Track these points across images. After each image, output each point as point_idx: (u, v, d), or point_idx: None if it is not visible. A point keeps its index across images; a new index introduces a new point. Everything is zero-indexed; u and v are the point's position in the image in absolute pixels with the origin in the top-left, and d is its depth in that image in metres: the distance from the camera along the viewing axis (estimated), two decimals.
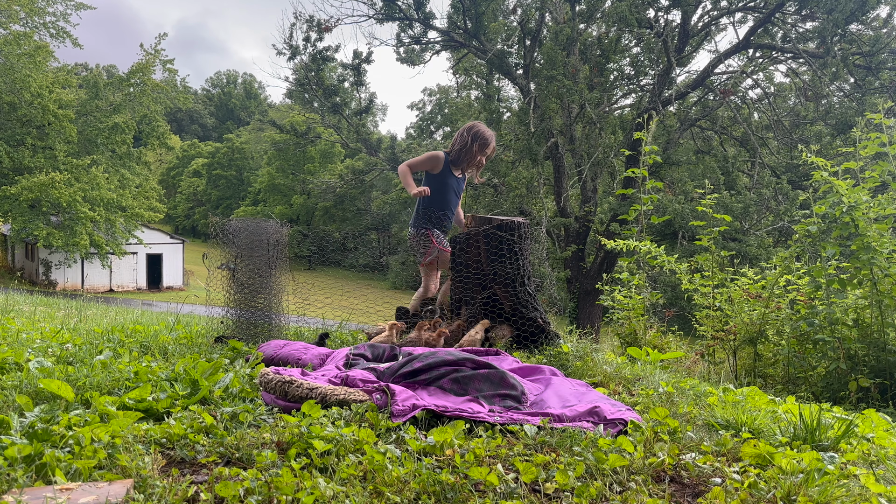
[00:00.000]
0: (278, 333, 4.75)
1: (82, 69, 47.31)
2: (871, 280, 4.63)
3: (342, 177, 32.61)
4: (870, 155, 5.02)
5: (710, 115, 19.81)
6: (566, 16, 19.91)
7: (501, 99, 25.60)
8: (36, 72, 28.98)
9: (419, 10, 21.64)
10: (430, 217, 5.23)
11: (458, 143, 5.23)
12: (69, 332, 4.78)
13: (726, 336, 5.61)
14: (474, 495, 1.93)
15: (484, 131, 5.21)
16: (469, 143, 5.16)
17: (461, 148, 5.20)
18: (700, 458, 2.31)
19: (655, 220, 6.77)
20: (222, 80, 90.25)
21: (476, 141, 5.16)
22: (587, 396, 3.07)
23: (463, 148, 5.19)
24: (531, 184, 21.59)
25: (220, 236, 4.83)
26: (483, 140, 5.18)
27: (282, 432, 2.32)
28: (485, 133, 5.20)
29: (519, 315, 4.51)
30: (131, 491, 1.81)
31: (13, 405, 2.59)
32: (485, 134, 5.20)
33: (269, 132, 45.23)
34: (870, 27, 17.49)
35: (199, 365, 3.17)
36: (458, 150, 5.22)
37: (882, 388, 4.46)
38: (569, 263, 19.77)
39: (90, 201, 29.72)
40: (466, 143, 5.16)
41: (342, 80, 25.58)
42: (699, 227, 6.45)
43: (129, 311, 9.57)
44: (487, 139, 5.20)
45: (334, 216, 52.31)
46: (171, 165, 70.69)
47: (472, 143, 5.16)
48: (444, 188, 5.24)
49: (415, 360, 3.19)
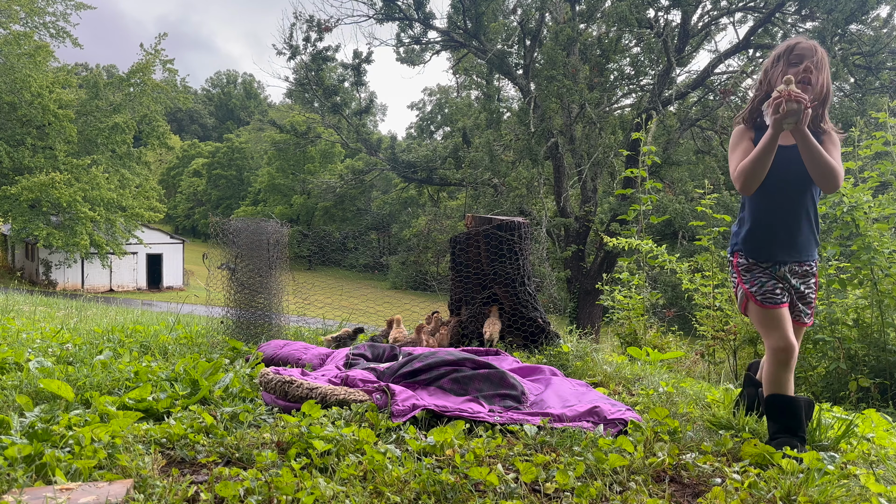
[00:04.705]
0: (278, 333, 4.75)
1: (82, 69, 47.29)
2: (871, 280, 4.63)
3: (342, 177, 32.61)
4: (870, 155, 5.02)
5: (710, 115, 19.80)
6: (566, 16, 19.91)
7: (501, 99, 25.60)
8: (36, 72, 28.96)
9: (419, 10, 21.63)
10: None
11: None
12: (69, 332, 4.78)
13: (726, 336, 5.60)
14: (474, 495, 1.93)
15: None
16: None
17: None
18: (700, 458, 2.31)
19: (655, 219, 6.78)
20: (222, 80, 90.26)
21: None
22: (587, 396, 3.06)
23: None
24: (531, 184, 21.58)
25: (220, 236, 4.83)
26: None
27: (282, 432, 2.32)
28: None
29: (519, 315, 4.51)
30: (131, 491, 1.81)
31: (13, 405, 2.59)
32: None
33: (269, 132, 45.25)
34: (870, 27, 17.48)
35: (199, 365, 3.17)
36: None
37: (882, 388, 4.46)
38: (569, 263, 19.76)
39: (90, 201, 29.71)
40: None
41: (342, 80, 25.58)
42: (699, 227, 6.45)
43: (129, 311, 9.57)
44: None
45: (334, 216, 52.30)
46: (171, 165, 70.69)
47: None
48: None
49: (415, 360, 3.19)
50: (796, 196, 2.61)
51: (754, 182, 2.57)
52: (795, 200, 2.61)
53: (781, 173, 2.59)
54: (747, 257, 2.71)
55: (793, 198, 2.61)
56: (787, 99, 2.38)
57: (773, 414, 2.57)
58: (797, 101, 2.38)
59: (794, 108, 2.38)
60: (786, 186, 2.61)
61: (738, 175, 2.61)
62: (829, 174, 2.48)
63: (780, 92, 2.40)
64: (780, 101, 2.39)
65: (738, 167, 2.62)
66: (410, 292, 31.23)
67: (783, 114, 2.39)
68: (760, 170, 2.54)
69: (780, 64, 2.65)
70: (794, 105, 2.37)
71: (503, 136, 22.27)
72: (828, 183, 2.52)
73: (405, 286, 37.40)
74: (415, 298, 11.01)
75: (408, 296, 23.58)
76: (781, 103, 2.38)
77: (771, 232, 2.66)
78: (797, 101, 2.38)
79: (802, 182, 2.60)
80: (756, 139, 2.64)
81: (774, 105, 2.41)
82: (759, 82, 2.77)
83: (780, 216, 2.64)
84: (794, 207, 2.62)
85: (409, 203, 46.85)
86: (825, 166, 2.48)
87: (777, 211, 2.64)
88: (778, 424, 2.54)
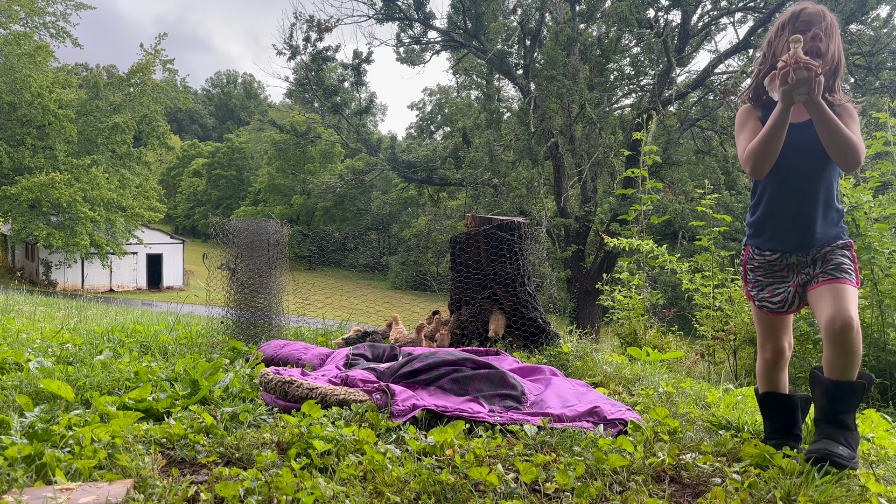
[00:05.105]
0: (278, 333, 4.75)
1: (82, 69, 47.32)
2: (871, 280, 4.63)
3: (342, 177, 32.63)
4: (870, 155, 5.01)
5: (711, 115, 19.80)
6: (566, 16, 19.91)
7: (501, 99, 25.62)
8: (36, 72, 28.97)
9: (419, 10, 21.64)
10: None
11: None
12: (69, 332, 4.78)
13: (726, 336, 5.60)
14: (474, 495, 1.93)
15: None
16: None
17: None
18: (700, 458, 2.31)
19: (655, 220, 6.77)
20: (222, 80, 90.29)
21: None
22: (587, 396, 3.06)
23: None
24: (531, 184, 21.58)
25: (221, 236, 4.83)
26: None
27: (282, 432, 2.32)
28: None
29: (519, 315, 4.51)
30: (131, 491, 1.80)
31: (13, 405, 2.59)
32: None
33: (269, 132, 45.23)
34: (870, 27, 17.49)
35: (199, 365, 3.17)
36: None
37: (882, 388, 4.46)
38: (569, 263, 19.77)
39: (90, 201, 29.72)
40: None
41: (342, 80, 25.60)
42: (699, 227, 6.45)
43: (129, 311, 9.57)
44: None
45: (334, 216, 52.32)
46: (171, 165, 70.71)
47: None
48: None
49: (415, 360, 3.19)
50: (812, 178, 2.37)
51: (766, 163, 2.34)
52: (811, 183, 2.37)
53: (794, 153, 2.36)
54: (757, 252, 2.51)
55: (808, 180, 2.37)
56: (794, 67, 2.15)
57: (767, 413, 2.57)
58: (807, 69, 2.15)
59: (805, 76, 2.14)
60: (799, 168, 2.38)
61: (747, 157, 2.38)
62: (850, 150, 2.24)
63: (787, 60, 2.18)
64: (788, 69, 2.17)
65: (746, 149, 2.39)
66: (410, 292, 31.23)
67: (792, 83, 2.16)
68: (772, 149, 2.31)
69: (784, 33, 2.41)
70: (803, 73, 2.14)
71: (503, 136, 22.28)
72: (848, 159, 2.26)
73: (405, 286, 37.40)
74: (415, 298, 11.02)
75: (408, 296, 23.59)
76: (789, 72, 2.16)
77: (782, 219, 2.43)
78: (807, 68, 2.15)
79: (818, 162, 2.35)
80: (764, 118, 2.42)
81: (782, 75, 2.20)
82: (762, 55, 2.53)
83: (795, 202, 2.39)
84: (810, 191, 2.37)
85: (409, 203, 46.85)
86: (844, 141, 2.23)
87: (792, 196, 2.40)
88: (773, 424, 2.54)
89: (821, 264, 2.37)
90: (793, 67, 2.14)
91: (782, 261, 2.45)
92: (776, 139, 2.30)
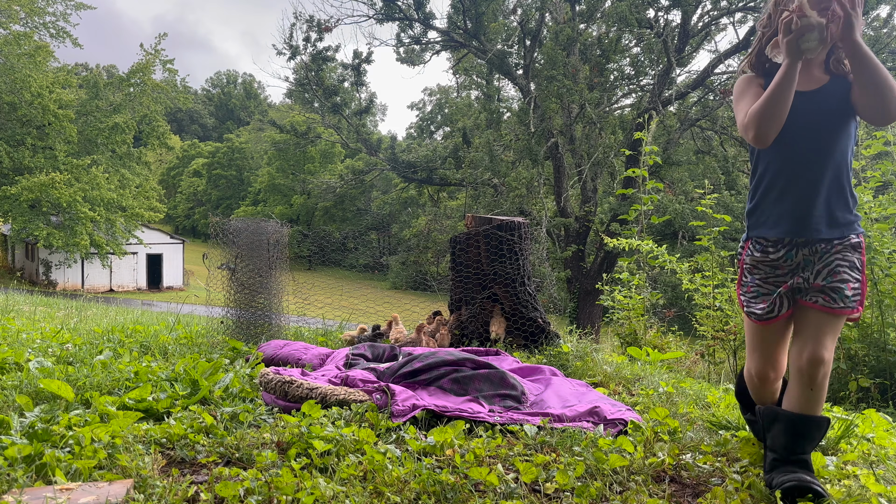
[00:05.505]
0: (278, 333, 4.75)
1: (82, 69, 47.30)
2: (871, 280, 4.63)
3: (342, 177, 32.64)
4: (871, 155, 5.02)
5: (711, 115, 19.79)
6: (566, 16, 19.91)
7: (501, 99, 25.61)
8: (36, 72, 28.98)
9: (419, 11, 21.64)
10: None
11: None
12: (69, 332, 4.77)
13: (726, 336, 5.60)
14: (474, 495, 1.93)
15: None
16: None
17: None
18: (700, 458, 2.31)
19: (655, 220, 6.77)
20: (222, 80, 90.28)
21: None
22: (587, 396, 3.06)
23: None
24: (531, 184, 21.57)
25: (221, 236, 4.83)
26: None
27: (282, 432, 2.32)
28: None
29: (519, 315, 4.51)
30: (131, 491, 1.80)
31: (13, 405, 2.59)
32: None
33: (269, 132, 45.23)
34: (870, 27, 17.48)
35: (199, 365, 3.17)
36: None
37: (882, 388, 4.46)
38: (569, 263, 19.76)
39: (90, 201, 29.73)
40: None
41: (342, 80, 25.60)
42: (699, 227, 6.45)
43: (129, 311, 9.57)
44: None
45: (334, 216, 52.32)
46: (171, 165, 70.73)
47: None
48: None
49: (415, 361, 3.19)
50: (822, 153, 2.04)
51: (771, 127, 2.00)
52: (821, 158, 2.05)
53: (803, 124, 2.04)
54: (759, 247, 2.19)
55: (818, 155, 2.05)
56: (800, 15, 1.86)
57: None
58: (822, 13, 1.84)
59: (812, 23, 1.83)
60: (808, 141, 2.05)
61: (749, 121, 2.04)
62: (893, 92, 1.89)
63: (792, 10, 1.90)
64: (791, 17, 1.88)
65: (748, 112, 2.05)
66: (410, 292, 31.23)
67: (797, 31, 1.85)
68: (778, 112, 1.97)
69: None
70: (810, 20, 1.83)
71: (503, 136, 22.27)
72: (891, 105, 1.91)
73: (405, 286, 37.39)
74: (415, 298, 11.02)
75: (408, 296, 23.60)
76: (793, 19, 1.88)
77: (787, 200, 2.10)
78: (823, 8, 1.83)
79: (831, 133, 2.02)
80: (766, 86, 2.08)
81: (785, 24, 1.91)
82: (766, 16, 2.21)
83: (803, 180, 2.07)
84: (820, 167, 2.05)
85: (409, 203, 46.83)
86: (884, 81, 1.86)
87: (799, 173, 2.07)
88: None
89: (824, 275, 2.07)
90: (797, 15, 1.88)
91: (787, 260, 2.14)
92: (782, 99, 1.97)
